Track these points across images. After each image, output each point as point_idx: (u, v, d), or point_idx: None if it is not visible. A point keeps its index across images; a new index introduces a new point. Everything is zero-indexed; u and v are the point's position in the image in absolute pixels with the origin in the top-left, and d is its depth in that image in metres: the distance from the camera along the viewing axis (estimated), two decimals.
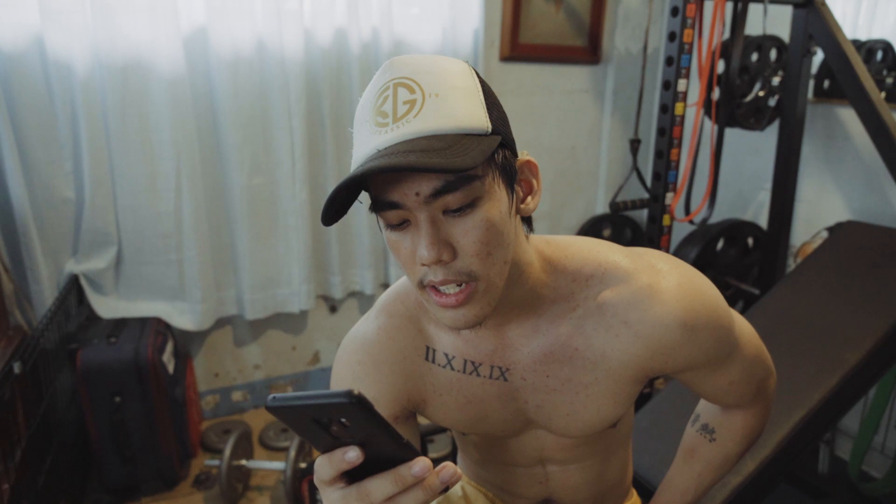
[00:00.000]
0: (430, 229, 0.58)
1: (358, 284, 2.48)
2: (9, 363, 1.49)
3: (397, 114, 0.57)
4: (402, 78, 0.58)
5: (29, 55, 1.81)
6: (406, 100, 0.57)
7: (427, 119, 0.56)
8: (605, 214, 2.92)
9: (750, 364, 0.78)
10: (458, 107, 0.58)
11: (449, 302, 0.61)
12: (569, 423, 0.75)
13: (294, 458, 1.86)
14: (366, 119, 0.59)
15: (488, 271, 0.61)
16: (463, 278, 0.60)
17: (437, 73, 0.58)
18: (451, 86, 0.58)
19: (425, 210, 0.58)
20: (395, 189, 0.58)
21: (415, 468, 0.46)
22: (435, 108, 0.57)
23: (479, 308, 0.62)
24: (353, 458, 0.45)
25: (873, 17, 2.10)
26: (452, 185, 0.57)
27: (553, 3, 2.55)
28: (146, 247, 2.09)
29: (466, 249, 0.59)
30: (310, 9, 2.13)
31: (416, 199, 0.58)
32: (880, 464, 2.02)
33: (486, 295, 0.62)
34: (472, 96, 0.59)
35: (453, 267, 0.60)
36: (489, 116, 0.59)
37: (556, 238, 0.74)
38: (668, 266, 0.71)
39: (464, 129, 0.57)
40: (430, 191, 0.57)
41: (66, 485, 1.78)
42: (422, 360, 0.75)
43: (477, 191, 0.58)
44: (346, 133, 2.30)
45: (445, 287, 0.61)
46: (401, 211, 0.59)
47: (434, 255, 0.58)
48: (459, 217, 0.59)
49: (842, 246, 1.80)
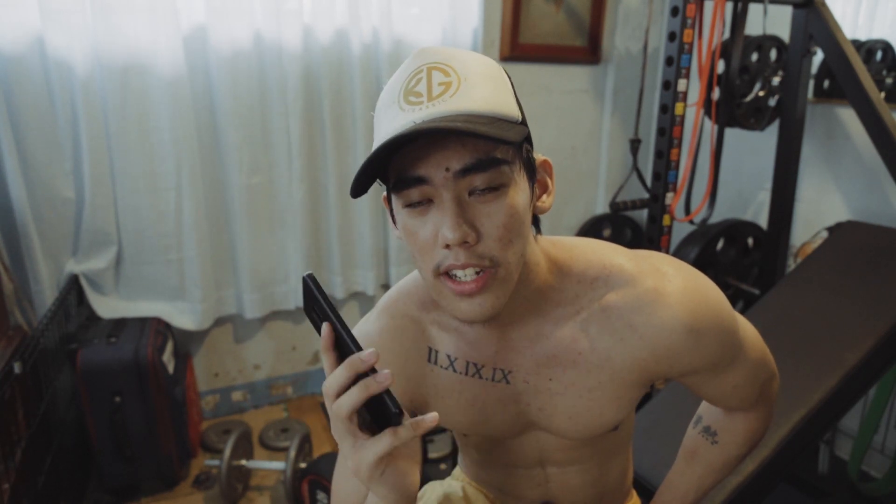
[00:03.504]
0: (456, 208, 0.57)
1: (359, 285, 2.48)
2: (9, 363, 1.49)
3: (432, 93, 0.57)
4: (436, 63, 0.58)
5: (29, 55, 1.81)
6: (441, 81, 0.57)
7: (463, 100, 0.56)
8: (605, 214, 2.92)
9: (753, 367, 0.78)
10: (492, 93, 0.58)
11: (467, 289, 0.60)
12: (570, 425, 0.74)
13: (294, 458, 1.86)
14: (394, 101, 0.59)
15: (508, 259, 0.61)
16: (485, 263, 0.59)
17: (469, 61, 0.59)
18: (485, 74, 0.59)
19: (452, 188, 0.58)
20: (424, 163, 0.57)
21: (364, 354, 0.53)
22: (470, 90, 0.57)
23: (494, 297, 0.61)
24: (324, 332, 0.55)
25: (873, 17, 2.10)
26: (483, 165, 0.57)
27: (553, 3, 2.55)
28: (146, 247, 2.09)
29: (490, 233, 0.59)
30: (310, 8, 2.13)
31: (445, 176, 0.57)
32: (880, 464, 2.02)
33: (504, 284, 0.61)
34: (504, 85, 0.60)
35: (476, 250, 0.59)
36: (519, 107, 0.61)
37: (561, 239, 0.74)
38: (673, 269, 0.71)
39: (500, 114, 0.58)
40: (461, 166, 0.57)
41: (66, 485, 1.78)
42: (424, 362, 0.75)
43: (505, 176, 0.59)
44: (345, 133, 2.30)
45: (464, 273, 0.60)
46: (425, 187, 0.58)
47: (460, 234, 0.57)
48: (485, 200, 0.59)
49: (842, 246, 1.80)
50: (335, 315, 0.55)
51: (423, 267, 0.63)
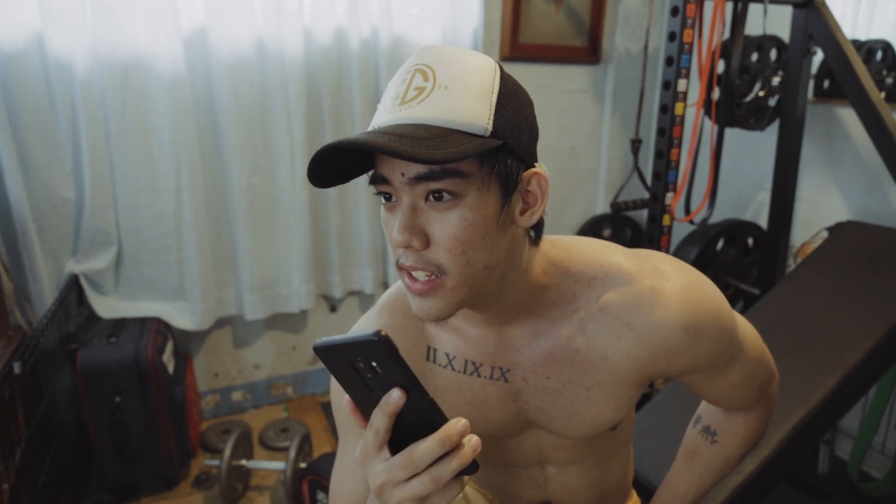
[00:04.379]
0: (407, 213, 0.60)
1: (358, 284, 2.48)
2: (9, 363, 1.49)
3: (406, 97, 0.59)
4: (423, 64, 0.60)
5: (29, 55, 1.81)
6: (418, 86, 0.59)
7: (427, 108, 0.58)
8: (605, 214, 2.92)
9: (753, 367, 0.78)
10: (462, 103, 0.58)
11: (416, 288, 0.62)
12: (569, 424, 0.74)
13: (294, 458, 1.86)
14: (387, 96, 0.62)
15: (459, 270, 0.61)
16: (431, 269, 0.61)
17: (456, 66, 0.60)
18: (464, 81, 0.59)
19: (408, 193, 0.60)
20: (387, 165, 0.60)
21: (459, 424, 0.48)
22: (439, 99, 0.58)
23: (443, 304, 0.62)
24: (396, 397, 0.48)
25: (873, 17, 2.10)
26: (435, 175, 0.58)
27: (553, 3, 2.55)
28: (146, 247, 2.09)
29: (439, 242, 0.60)
30: (309, 8, 2.13)
31: (401, 180, 0.59)
32: (880, 464, 2.02)
33: (453, 293, 0.62)
34: (482, 95, 0.59)
35: (423, 256, 0.61)
36: (495, 119, 0.59)
37: (559, 239, 0.74)
38: (672, 269, 0.71)
39: (458, 125, 0.58)
40: (414, 174, 0.58)
41: (66, 485, 1.79)
42: (423, 360, 0.75)
43: (461, 188, 0.59)
44: (346, 132, 2.30)
45: (416, 273, 0.62)
46: (389, 186, 0.61)
47: (404, 239, 0.59)
48: (438, 209, 0.60)
49: (842, 246, 1.80)
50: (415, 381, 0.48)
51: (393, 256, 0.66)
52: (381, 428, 0.50)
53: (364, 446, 0.51)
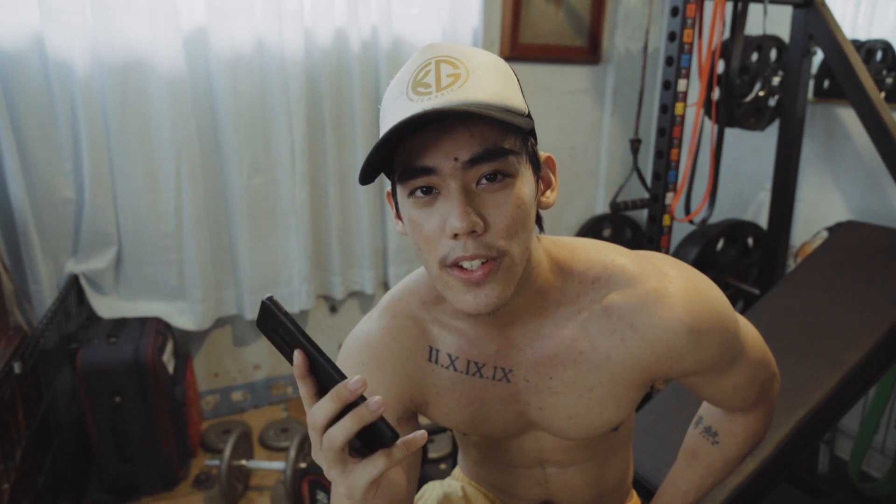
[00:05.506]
0: (463, 198, 0.57)
1: (358, 284, 2.48)
2: (9, 363, 1.49)
3: (441, 84, 0.57)
4: (445, 56, 0.59)
5: (29, 55, 1.81)
6: (450, 73, 0.57)
7: (472, 90, 0.57)
8: (605, 214, 2.92)
9: (754, 368, 0.78)
10: (501, 86, 0.59)
11: (473, 277, 0.59)
12: (570, 425, 0.74)
13: (294, 458, 1.86)
14: (402, 92, 0.59)
15: (514, 250, 0.60)
16: (491, 253, 0.59)
17: (478, 56, 0.60)
18: (493, 69, 0.60)
19: (460, 178, 0.58)
20: (433, 153, 0.57)
21: (350, 383, 0.48)
22: (478, 82, 0.57)
23: (501, 288, 0.61)
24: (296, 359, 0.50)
25: (873, 17, 2.10)
26: (492, 154, 0.57)
27: (553, 3, 2.55)
28: (146, 247, 2.09)
29: (497, 223, 0.59)
30: (310, 8, 2.13)
31: (454, 165, 0.57)
32: (880, 464, 2.02)
33: (509, 274, 0.61)
34: (511, 81, 0.61)
35: (483, 240, 0.59)
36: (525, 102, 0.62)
37: (563, 239, 0.74)
38: (675, 270, 0.71)
39: (507, 105, 0.58)
40: (470, 156, 0.57)
41: (66, 485, 1.79)
42: (425, 361, 0.75)
43: (512, 166, 0.59)
44: (346, 133, 2.30)
45: (471, 264, 0.59)
46: (433, 177, 0.58)
47: (468, 224, 0.57)
48: (493, 190, 0.58)
49: (842, 246, 1.80)
50: (308, 340, 0.51)
51: (428, 259, 0.62)
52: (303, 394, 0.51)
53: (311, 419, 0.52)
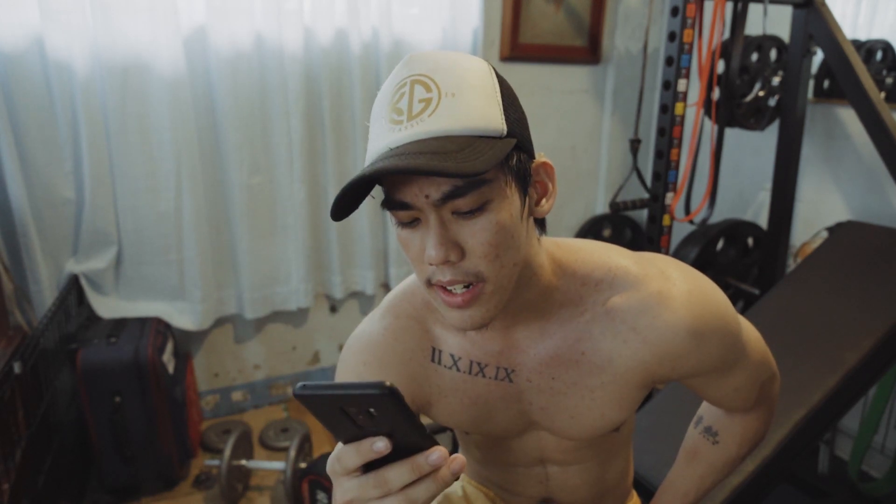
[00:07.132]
0: (438, 230, 0.58)
1: (359, 284, 2.48)
2: (9, 363, 1.49)
3: (412, 111, 0.57)
4: (420, 75, 0.58)
5: (29, 55, 1.81)
6: (422, 98, 0.57)
7: (441, 119, 0.56)
8: (605, 214, 2.92)
9: (755, 369, 0.78)
10: (474, 107, 0.57)
11: (456, 301, 0.61)
12: (572, 425, 0.75)
13: (294, 458, 1.86)
14: (382, 115, 0.59)
15: (496, 273, 0.61)
16: (470, 279, 0.60)
17: (456, 71, 0.58)
18: (469, 85, 0.58)
19: (435, 211, 0.59)
20: (406, 190, 0.58)
21: (431, 457, 0.47)
22: (450, 108, 0.57)
23: (485, 310, 0.62)
24: (381, 447, 0.47)
25: (873, 17, 2.10)
26: (462, 190, 0.57)
27: (553, 3, 2.55)
28: (146, 247, 2.09)
29: (475, 251, 0.60)
30: (310, 8, 2.12)
31: (426, 202, 0.58)
32: (880, 464, 2.02)
33: (494, 297, 0.62)
34: (489, 97, 0.59)
35: (461, 267, 0.60)
36: (505, 118, 0.59)
37: (566, 241, 0.74)
38: (678, 273, 0.71)
39: (478, 130, 0.57)
40: (440, 195, 0.57)
41: (66, 485, 1.78)
42: (427, 362, 0.75)
43: (487, 194, 0.58)
44: (345, 133, 2.30)
45: (453, 287, 0.61)
46: (411, 211, 0.59)
47: (441, 255, 0.58)
48: (469, 219, 0.59)
49: (842, 246, 1.80)
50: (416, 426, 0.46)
51: (418, 275, 0.64)
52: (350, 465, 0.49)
53: (332, 465, 0.50)
